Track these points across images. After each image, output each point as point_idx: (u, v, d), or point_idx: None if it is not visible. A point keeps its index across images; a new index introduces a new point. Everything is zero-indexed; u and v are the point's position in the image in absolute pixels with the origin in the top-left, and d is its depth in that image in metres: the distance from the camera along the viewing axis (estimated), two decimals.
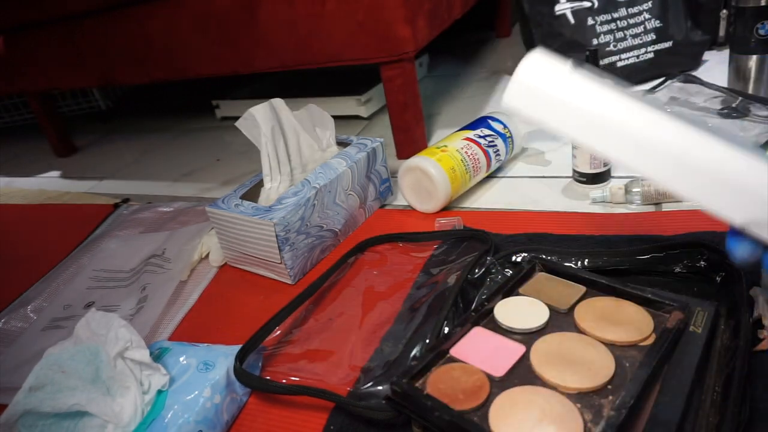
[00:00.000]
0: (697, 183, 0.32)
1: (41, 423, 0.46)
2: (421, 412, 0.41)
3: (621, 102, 0.33)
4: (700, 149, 0.31)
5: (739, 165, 0.30)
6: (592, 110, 0.33)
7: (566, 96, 0.34)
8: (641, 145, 0.33)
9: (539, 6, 1.04)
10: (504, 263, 0.59)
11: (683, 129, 0.32)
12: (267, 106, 0.72)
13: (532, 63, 0.35)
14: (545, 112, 0.35)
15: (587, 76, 0.34)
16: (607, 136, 0.33)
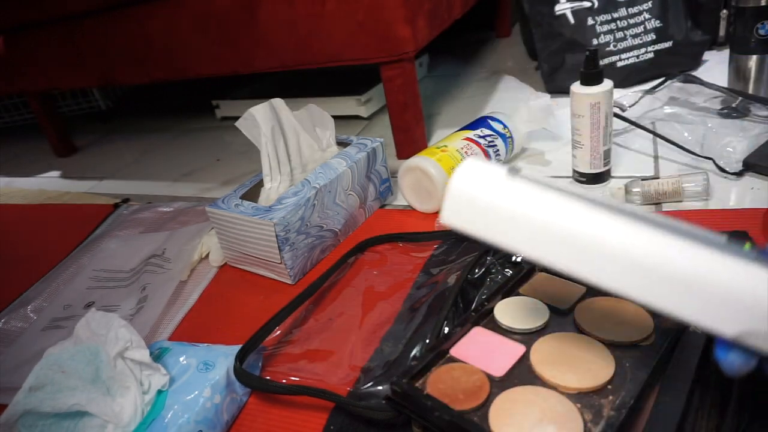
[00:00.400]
0: (669, 293, 0.27)
1: (41, 423, 0.46)
2: (421, 412, 0.41)
3: (568, 208, 0.29)
4: (669, 255, 0.27)
5: (718, 270, 0.26)
6: (536, 221, 0.30)
7: (505, 208, 0.31)
8: (601, 256, 0.28)
9: (539, 6, 1.04)
10: (504, 263, 0.59)
11: (647, 233, 0.28)
12: (267, 106, 0.72)
13: (465, 175, 0.32)
14: (486, 228, 0.32)
15: (526, 181, 0.31)
16: (558, 248, 0.30)
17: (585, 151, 0.71)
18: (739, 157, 0.70)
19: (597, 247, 0.28)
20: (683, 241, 0.27)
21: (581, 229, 0.29)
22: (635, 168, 0.76)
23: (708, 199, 0.66)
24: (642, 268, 0.27)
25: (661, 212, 0.66)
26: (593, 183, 0.73)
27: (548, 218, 0.29)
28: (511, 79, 1.24)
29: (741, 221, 0.60)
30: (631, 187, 0.68)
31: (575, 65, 1.03)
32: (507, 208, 0.30)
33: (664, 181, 0.66)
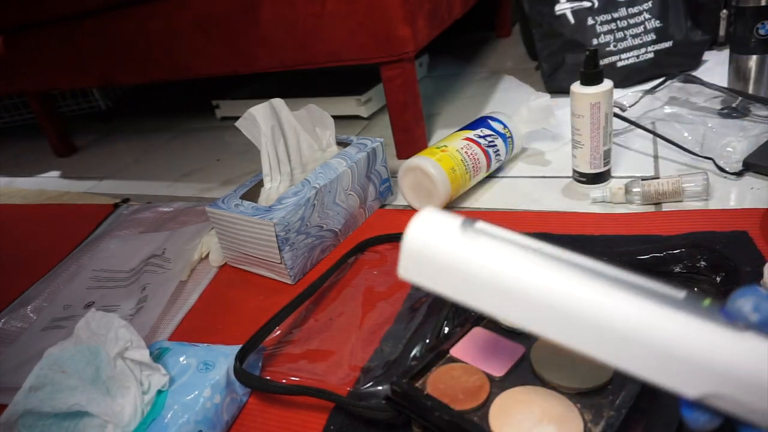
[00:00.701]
0: (625, 352, 0.26)
1: (41, 423, 0.46)
2: (421, 412, 0.41)
3: (519, 265, 0.28)
4: (624, 314, 0.26)
5: (676, 330, 0.25)
6: (487, 279, 0.29)
7: (456, 265, 0.30)
8: (553, 314, 0.28)
9: (539, 6, 1.04)
10: None
11: (601, 290, 0.27)
12: (267, 106, 0.72)
13: (418, 229, 0.31)
14: (440, 284, 0.31)
15: (479, 235, 0.30)
16: (510, 305, 0.29)
17: (585, 151, 0.71)
18: (739, 157, 0.70)
19: (548, 306, 0.28)
20: (639, 300, 0.26)
21: (531, 288, 0.28)
22: (635, 168, 0.76)
23: (708, 199, 0.66)
24: (594, 327, 0.27)
25: (661, 212, 0.66)
26: (593, 183, 0.73)
27: (499, 276, 0.29)
28: (511, 79, 1.24)
29: (741, 221, 0.60)
30: (631, 187, 0.68)
31: (575, 65, 1.03)
32: (458, 266, 0.30)
33: (664, 181, 0.66)
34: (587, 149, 0.71)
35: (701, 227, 0.61)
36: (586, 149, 0.71)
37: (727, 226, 0.60)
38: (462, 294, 0.31)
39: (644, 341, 0.25)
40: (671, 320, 0.25)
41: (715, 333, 0.24)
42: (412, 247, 0.31)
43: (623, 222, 0.65)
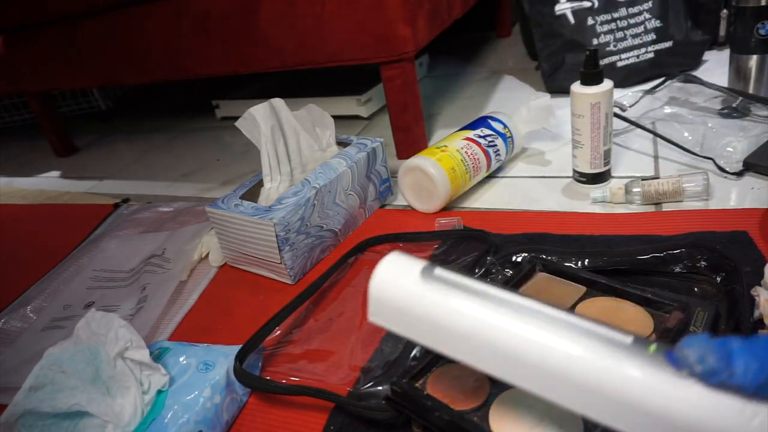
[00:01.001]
0: (572, 396, 0.27)
1: (41, 423, 0.46)
2: (421, 412, 0.41)
3: (476, 309, 0.30)
4: (570, 359, 0.27)
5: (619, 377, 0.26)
6: (444, 321, 0.30)
7: (415, 311, 0.31)
8: (503, 358, 0.29)
9: (539, 6, 1.04)
10: (504, 263, 0.59)
11: (549, 335, 0.27)
12: (267, 106, 0.72)
13: (382, 276, 0.33)
14: (404, 328, 0.33)
15: (437, 282, 0.31)
16: (465, 347, 0.30)
17: (585, 151, 0.71)
18: (739, 157, 0.70)
19: (498, 351, 0.29)
20: (586, 345, 0.27)
21: (482, 333, 0.29)
22: (635, 168, 0.76)
23: (708, 199, 0.66)
24: (541, 371, 0.28)
25: (660, 212, 0.66)
26: (593, 183, 0.73)
27: (453, 322, 0.30)
28: (511, 79, 1.24)
29: (741, 221, 0.60)
30: (631, 187, 0.68)
31: (575, 65, 1.03)
32: (417, 312, 0.31)
33: (664, 181, 0.66)
34: (587, 149, 0.71)
35: (701, 227, 0.61)
36: (586, 149, 0.71)
37: (727, 226, 0.60)
38: (422, 338, 0.32)
39: (587, 386, 0.26)
40: (616, 366, 0.25)
41: (656, 380, 0.25)
42: (377, 293, 0.33)
43: (623, 222, 0.65)
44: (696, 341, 0.25)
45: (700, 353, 0.24)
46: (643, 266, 0.54)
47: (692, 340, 0.25)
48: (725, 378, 0.23)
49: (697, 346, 0.24)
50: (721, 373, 0.24)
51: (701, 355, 0.24)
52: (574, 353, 0.27)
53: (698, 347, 0.24)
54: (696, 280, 0.52)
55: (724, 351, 0.24)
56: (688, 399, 0.24)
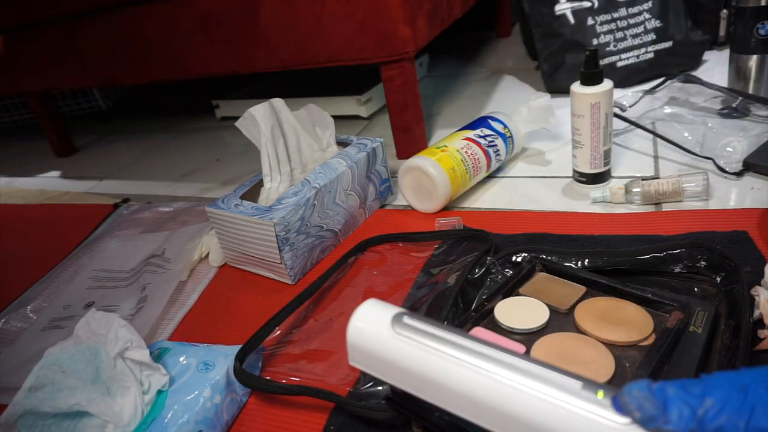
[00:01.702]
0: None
1: (41, 423, 0.46)
2: (421, 412, 0.41)
3: (437, 355, 0.33)
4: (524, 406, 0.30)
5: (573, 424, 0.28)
6: (409, 366, 0.34)
7: (386, 358, 0.35)
8: (468, 401, 0.32)
9: (539, 6, 1.04)
10: (504, 263, 0.59)
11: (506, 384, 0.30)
12: (267, 106, 0.72)
13: (357, 324, 0.36)
14: (379, 372, 0.36)
15: (411, 329, 0.34)
16: (431, 390, 0.33)
17: (585, 151, 0.71)
18: (739, 157, 0.70)
19: (459, 393, 0.32)
20: (539, 389, 0.29)
21: (444, 377, 0.32)
22: (635, 168, 0.76)
23: (708, 199, 0.66)
24: (498, 413, 0.30)
25: (660, 212, 0.66)
26: (593, 183, 0.73)
27: (417, 367, 0.33)
28: (511, 79, 1.24)
29: (741, 221, 0.60)
30: (631, 187, 0.68)
31: (575, 65, 1.03)
32: (386, 357, 0.35)
33: (664, 181, 0.66)
34: (587, 149, 0.71)
35: (701, 227, 0.61)
36: (586, 149, 0.71)
37: (727, 226, 0.60)
38: (394, 380, 0.35)
39: (541, 428, 0.29)
40: (566, 412, 0.28)
41: (600, 426, 0.27)
42: (352, 339, 0.36)
43: (623, 222, 0.65)
44: (636, 388, 0.26)
45: (639, 401, 0.26)
46: (643, 266, 0.54)
47: (633, 387, 0.26)
48: (661, 424, 0.25)
49: (636, 393, 0.26)
50: (657, 420, 0.25)
51: (640, 403, 0.26)
52: (529, 398, 0.29)
53: (637, 395, 0.26)
54: (696, 280, 0.52)
55: (660, 398, 0.26)
56: None
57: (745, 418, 0.24)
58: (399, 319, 0.35)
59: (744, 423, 0.24)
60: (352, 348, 0.37)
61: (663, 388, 0.26)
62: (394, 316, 0.35)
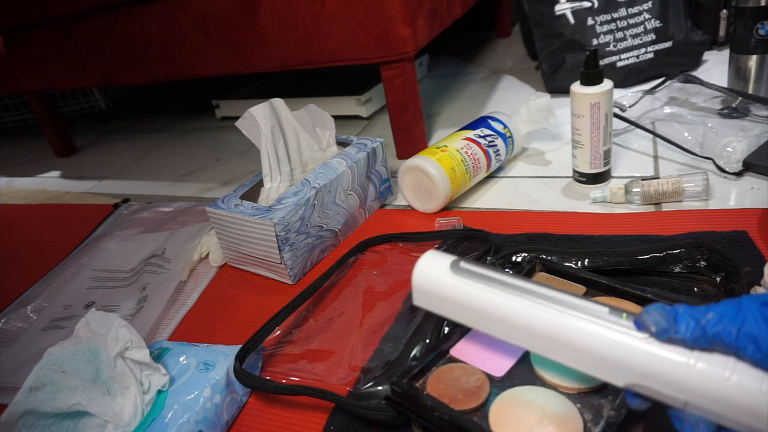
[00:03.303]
0: (570, 356, 0.36)
1: (41, 423, 0.46)
2: (421, 412, 0.41)
3: (489, 296, 0.40)
4: (567, 330, 0.36)
5: (602, 339, 0.34)
6: (466, 301, 0.41)
7: (446, 296, 0.42)
8: (523, 329, 0.38)
9: (539, 6, 1.04)
10: (504, 263, 0.59)
11: (548, 311, 0.37)
12: (267, 106, 0.72)
13: (421, 270, 0.43)
14: (440, 310, 0.43)
15: (467, 273, 0.41)
16: (483, 321, 0.40)
17: (585, 151, 0.71)
18: (739, 157, 0.70)
19: (510, 323, 0.39)
20: (581, 316, 0.36)
21: (497, 309, 0.39)
22: (635, 168, 0.76)
23: (708, 199, 0.66)
24: (544, 337, 0.37)
25: (660, 212, 0.66)
26: (593, 183, 0.73)
27: (473, 301, 0.40)
28: (511, 79, 1.24)
29: (741, 221, 0.60)
30: (631, 187, 0.68)
31: (575, 65, 1.03)
32: (447, 295, 0.42)
33: (664, 181, 0.66)
34: (587, 149, 0.71)
35: (701, 227, 0.61)
36: (586, 149, 0.71)
37: (727, 226, 0.60)
38: (453, 315, 0.43)
39: (583, 347, 0.35)
40: (599, 329, 0.35)
41: (627, 337, 0.34)
42: (417, 282, 0.44)
43: (623, 222, 0.65)
44: (653, 308, 0.33)
45: (655, 318, 0.32)
46: (643, 266, 0.54)
47: (650, 308, 0.33)
48: (672, 334, 0.32)
49: (652, 312, 0.33)
50: (669, 331, 0.32)
51: (656, 319, 0.32)
52: (568, 321, 0.36)
53: (653, 313, 0.33)
54: (696, 280, 0.52)
55: (672, 314, 0.32)
56: (646, 350, 0.33)
57: (737, 326, 0.30)
58: (456, 264, 0.42)
59: (736, 329, 0.30)
60: (416, 290, 0.44)
61: (674, 308, 0.32)
62: (452, 262, 0.43)
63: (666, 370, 0.32)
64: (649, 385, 0.33)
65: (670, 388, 0.32)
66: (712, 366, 0.31)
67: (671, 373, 0.32)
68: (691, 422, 0.32)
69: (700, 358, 0.31)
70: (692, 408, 0.32)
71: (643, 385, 0.33)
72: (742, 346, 0.30)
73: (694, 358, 0.31)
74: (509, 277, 0.40)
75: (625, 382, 0.34)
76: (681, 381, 0.31)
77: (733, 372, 0.30)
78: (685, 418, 0.32)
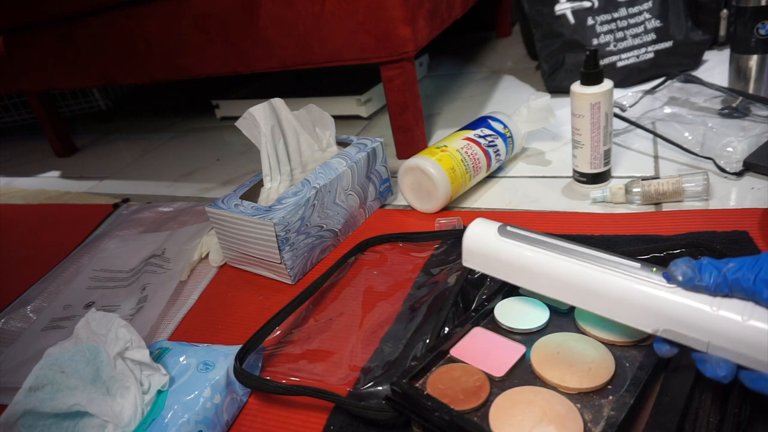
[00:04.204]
0: (608, 306, 0.41)
1: (41, 423, 0.46)
2: (421, 412, 0.41)
3: (532, 254, 0.45)
4: (605, 282, 0.41)
5: (636, 290, 0.39)
6: (513, 260, 0.46)
7: (494, 256, 0.47)
8: (562, 282, 0.43)
9: (539, 6, 1.04)
10: None
11: (587, 265, 0.42)
12: (267, 106, 0.72)
13: (472, 233, 0.49)
14: (489, 269, 0.49)
15: (510, 235, 0.47)
16: (530, 279, 0.45)
17: (585, 151, 0.71)
18: (739, 157, 0.70)
19: (554, 278, 0.44)
20: (615, 270, 0.41)
21: (544, 268, 0.44)
22: (635, 168, 0.76)
23: (708, 199, 0.66)
24: (584, 290, 0.42)
25: (659, 212, 0.66)
26: (593, 183, 0.73)
27: (518, 261, 0.46)
28: (511, 79, 1.24)
29: (741, 221, 0.60)
30: (631, 187, 0.68)
31: (575, 65, 1.03)
32: (495, 256, 0.47)
33: (664, 181, 0.66)
34: (587, 149, 0.71)
35: (701, 227, 0.61)
36: (587, 149, 0.71)
37: (727, 226, 0.60)
38: (499, 273, 0.48)
39: (618, 299, 0.40)
40: (631, 282, 0.39)
41: (656, 288, 0.38)
42: (468, 245, 0.49)
43: (623, 222, 0.65)
44: (679, 261, 0.38)
45: (682, 269, 0.37)
46: None
47: (677, 261, 0.38)
48: (696, 282, 0.36)
49: (679, 264, 0.37)
50: (693, 280, 0.36)
51: (683, 270, 0.37)
52: (604, 275, 0.41)
53: (680, 265, 0.37)
54: None
55: (697, 265, 0.37)
56: (674, 299, 0.37)
57: (755, 273, 0.34)
58: (503, 228, 0.48)
59: (754, 276, 0.34)
60: (466, 251, 0.49)
61: (699, 261, 0.37)
62: (500, 226, 0.48)
63: (691, 315, 0.36)
64: (676, 330, 0.37)
65: (694, 332, 0.36)
66: (732, 310, 0.35)
67: (695, 317, 0.36)
68: (712, 362, 0.36)
69: (721, 304, 0.35)
70: (714, 349, 0.36)
71: (670, 330, 0.38)
72: (758, 291, 0.33)
73: (716, 304, 0.36)
74: (551, 237, 0.45)
75: (654, 328, 0.39)
76: (704, 324, 0.36)
77: (750, 315, 0.34)
78: (707, 359, 0.36)
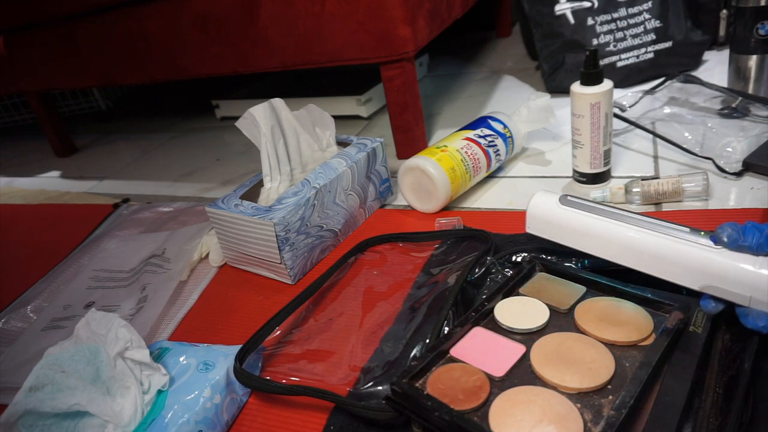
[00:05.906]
0: (660, 267, 0.46)
1: (41, 423, 0.46)
2: (421, 412, 0.41)
3: (591, 220, 0.50)
4: (657, 244, 0.46)
5: (685, 250, 0.44)
6: (572, 226, 0.52)
7: (555, 220, 0.53)
8: (617, 245, 0.49)
9: (539, 6, 1.04)
10: (504, 263, 0.59)
11: (641, 230, 0.47)
12: (267, 106, 0.72)
13: (536, 202, 0.55)
14: (551, 235, 0.54)
15: (570, 203, 0.53)
16: (587, 242, 0.51)
17: (585, 151, 0.71)
18: (739, 157, 0.70)
19: (611, 243, 0.49)
20: (665, 234, 0.46)
21: (601, 233, 0.50)
22: (635, 168, 0.76)
23: (708, 199, 0.66)
24: (637, 251, 0.47)
25: (660, 212, 0.66)
26: (593, 183, 0.73)
27: (575, 226, 0.52)
28: (511, 79, 1.24)
29: (741, 221, 0.60)
30: (631, 187, 0.68)
31: (575, 65, 1.03)
32: (555, 222, 0.53)
33: (664, 181, 0.66)
34: (587, 149, 0.71)
35: (701, 227, 0.60)
36: (586, 149, 0.71)
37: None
38: (560, 238, 0.54)
39: (670, 260, 0.45)
40: (682, 245, 0.45)
41: (704, 249, 0.44)
42: (532, 212, 0.56)
43: None
44: (725, 225, 0.43)
45: (727, 231, 0.42)
46: None
47: (723, 226, 0.43)
48: (740, 242, 0.42)
49: (725, 227, 0.42)
50: (738, 240, 0.42)
51: (729, 233, 0.42)
52: (658, 239, 0.46)
53: (726, 227, 0.42)
54: None
55: (741, 228, 0.42)
56: (720, 259, 0.43)
57: None
58: (564, 198, 0.54)
59: None
60: (530, 217, 0.56)
61: (744, 225, 0.42)
62: (561, 196, 0.54)
63: (735, 273, 0.41)
64: (722, 286, 0.42)
65: (738, 288, 0.41)
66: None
67: (739, 275, 0.41)
68: (753, 315, 0.41)
69: (763, 263, 0.41)
70: (755, 303, 0.41)
71: (717, 287, 0.42)
72: None
73: (758, 263, 0.41)
74: (609, 206, 0.51)
75: (702, 285, 0.43)
76: (747, 281, 0.41)
77: None
78: (749, 313, 0.41)
